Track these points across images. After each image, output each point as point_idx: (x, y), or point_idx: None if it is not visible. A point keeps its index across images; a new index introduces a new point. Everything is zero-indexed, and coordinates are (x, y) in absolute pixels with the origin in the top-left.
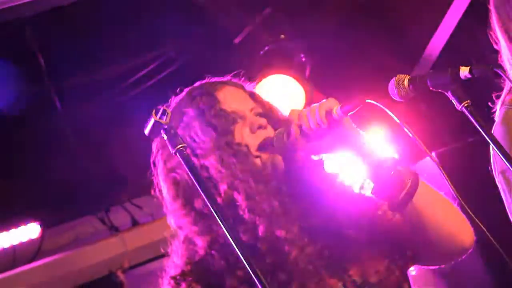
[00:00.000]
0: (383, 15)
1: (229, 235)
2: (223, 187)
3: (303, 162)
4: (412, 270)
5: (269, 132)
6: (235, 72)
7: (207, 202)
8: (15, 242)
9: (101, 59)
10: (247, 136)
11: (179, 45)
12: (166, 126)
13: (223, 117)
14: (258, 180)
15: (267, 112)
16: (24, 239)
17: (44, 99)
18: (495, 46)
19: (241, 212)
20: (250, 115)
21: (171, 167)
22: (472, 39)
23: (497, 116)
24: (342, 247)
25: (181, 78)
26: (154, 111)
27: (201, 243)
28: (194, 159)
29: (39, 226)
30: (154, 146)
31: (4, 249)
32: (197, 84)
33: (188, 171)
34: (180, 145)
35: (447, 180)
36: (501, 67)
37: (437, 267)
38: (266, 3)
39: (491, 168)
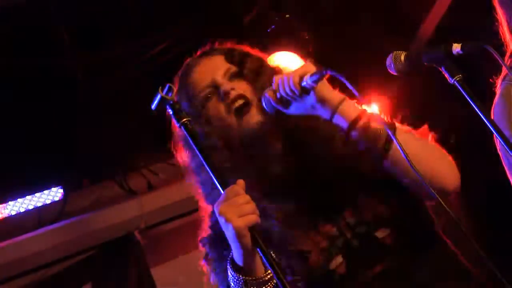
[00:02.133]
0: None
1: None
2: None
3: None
4: None
5: (238, 91)
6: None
7: (208, 170)
8: (40, 204)
9: (118, 37)
10: (218, 104)
11: (190, 25)
12: (171, 102)
13: (194, 105)
14: (238, 148)
15: (241, 71)
16: (48, 201)
17: (69, 71)
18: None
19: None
20: (221, 82)
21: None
22: (466, 19)
23: (498, 89)
24: (337, 197)
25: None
26: (160, 88)
27: (212, 215)
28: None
29: (62, 189)
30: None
31: (30, 211)
32: (183, 68)
33: (191, 143)
34: (185, 119)
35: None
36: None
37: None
38: None
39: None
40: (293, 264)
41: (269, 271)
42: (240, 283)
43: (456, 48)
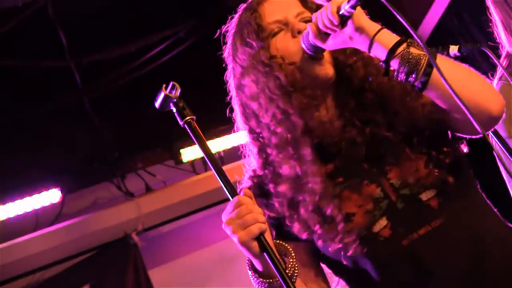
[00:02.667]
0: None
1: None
2: (262, 110)
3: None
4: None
5: None
6: None
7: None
8: (38, 206)
9: (117, 38)
10: (288, 42)
11: (189, 25)
12: (175, 100)
13: (259, 32)
14: (290, 92)
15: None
16: (46, 203)
17: (66, 74)
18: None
19: (274, 131)
20: (294, 21)
21: (235, 85)
22: (461, 20)
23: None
24: (380, 152)
25: (191, 57)
26: (164, 86)
27: (258, 162)
28: (242, 80)
29: (60, 191)
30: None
31: (28, 213)
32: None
33: (195, 141)
34: (188, 117)
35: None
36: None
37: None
38: None
39: None
40: (337, 227)
41: (289, 265)
42: (264, 286)
43: (454, 50)
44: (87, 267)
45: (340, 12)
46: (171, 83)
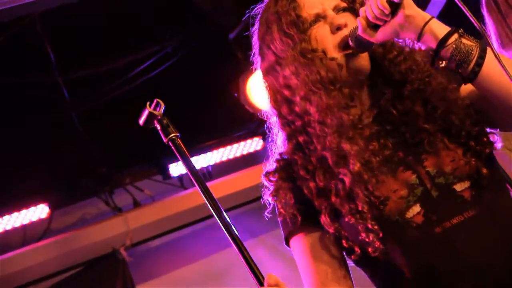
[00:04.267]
0: None
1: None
2: (298, 98)
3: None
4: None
5: (349, 30)
6: None
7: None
8: (26, 221)
9: (104, 54)
10: (327, 37)
11: (176, 41)
12: (159, 117)
13: (300, 24)
14: (330, 90)
15: (352, 4)
16: (34, 219)
17: (55, 89)
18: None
19: (313, 123)
20: (331, 14)
21: (264, 69)
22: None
23: None
24: (417, 140)
25: (178, 72)
26: (148, 103)
27: (286, 147)
28: (277, 67)
29: (48, 207)
30: (253, 47)
31: (16, 228)
32: None
33: (179, 158)
34: (173, 134)
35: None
36: None
37: None
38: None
39: None
40: (368, 210)
41: None
42: None
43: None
44: (75, 282)
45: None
46: (155, 101)
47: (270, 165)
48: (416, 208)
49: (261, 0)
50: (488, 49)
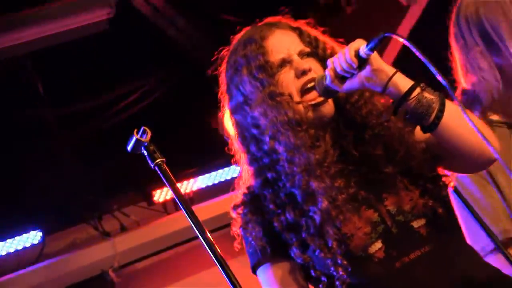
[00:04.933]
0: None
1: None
2: (267, 138)
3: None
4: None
5: (313, 75)
6: (281, 9)
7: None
8: (20, 247)
9: (91, 90)
10: (292, 82)
11: (158, 77)
12: (146, 144)
13: (268, 68)
14: (297, 131)
15: (315, 50)
16: (27, 244)
17: (44, 122)
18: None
19: (281, 162)
20: (297, 59)
21: (232, 108)
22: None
23: None
24: (378, 180)
25: (160, 106)
26: (135, 130)
27: (254, 183)
28: (246, 107)
29: (41, 233)
30: (220, 85)
31: (10, 254)
32: (252, 29)
33: (165, 182)
34: (159, 160)
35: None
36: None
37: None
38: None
39: None
40: (336, 246)
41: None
42: None
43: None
44: None
45: (360, 54)
46: (142, 128)
47: (238, 198)
48: (378, 244)
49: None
50: (448, 101)
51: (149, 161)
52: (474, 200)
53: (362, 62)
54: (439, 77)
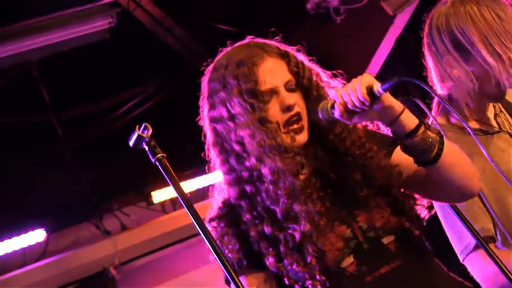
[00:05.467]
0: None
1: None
2: (252, 159)
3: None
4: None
5: (297, 108)
6: (272, 29)
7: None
8: (25, 245)
9: (93, 95)
10: (278, 114)
11: (156, 83)
12: (147, 139)
13: (259, 95)
14: (285, 157)
15: (301, 83)
16: (32, 242)
17: (50, 126)
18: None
19: (265, 183)
20: (284, 93)
21: (214, 117)
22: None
23: None
24: (353, 203)
25: (160, 110)
26: (137, 126)
27: (232, 193)
28: (231, 123)
29: (45, 231)
30: (202, 91)
31: (16, 251)
32: (244, 49)
33: (165, 176)
34: (159, 155)
35: None
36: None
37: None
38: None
39: None
40: (315, 262)
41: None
42: None
43: None
44: None
45: (374, 93)
46: (143, 124)
47: (213, 211)
48: (350, 259)
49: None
50: (445, 140)
51: (150, 156)
52: None
53: (374, 99)
54: (442, 101)
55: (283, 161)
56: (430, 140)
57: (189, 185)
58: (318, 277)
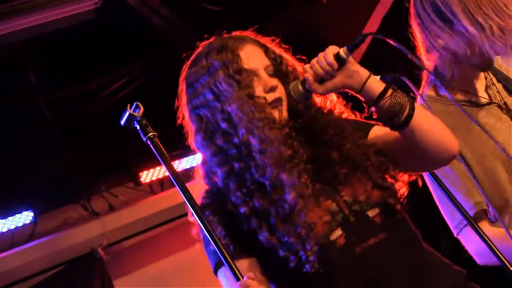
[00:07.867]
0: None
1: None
2: (241, 130)
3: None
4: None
5: (279, 92)
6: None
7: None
8: (12, 227)
9: (80, 76)
10: (262, 93)
11: (143, 63)
12: (138, 118)
13: (244, 73)
14: (273, 127)
15: (279, 69)
16: (20, 224)
17: (36, 108)
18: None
19: (254, 153)
20: (265, 75)
21: (196, 104)
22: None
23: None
24: (335, 179)
25: (146, 92)
26: (129, 105)
27: (219, 173)
28: (217, 103)
29: (33, 213)
30: (180, 83)
31: (3, 233)
32: (223, 39)
33: (157, 155)
34: (151, 134)
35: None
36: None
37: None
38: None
39: None
40: (305, 233)
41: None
42: None
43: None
44: (58, 280)
45: (340, 56)
46: (134, 103)
47: (197, 202)
48: (338, 232)
49: (217, 30)
50: (416, 103)
51: (142, 135)
52: (449, 179)
53: (341, 64)
54: (418, 63)
55: (272, 130)
56: (399, 101)
57: (177, 165)
58: (308, 246)
